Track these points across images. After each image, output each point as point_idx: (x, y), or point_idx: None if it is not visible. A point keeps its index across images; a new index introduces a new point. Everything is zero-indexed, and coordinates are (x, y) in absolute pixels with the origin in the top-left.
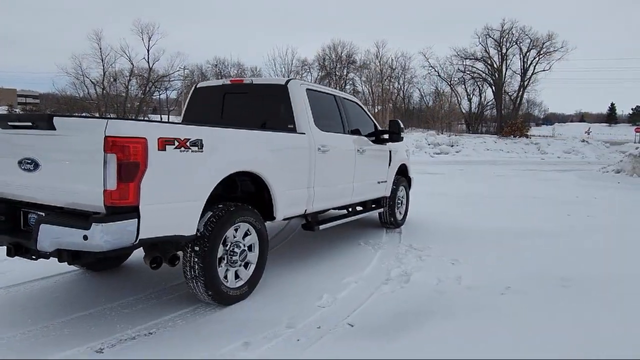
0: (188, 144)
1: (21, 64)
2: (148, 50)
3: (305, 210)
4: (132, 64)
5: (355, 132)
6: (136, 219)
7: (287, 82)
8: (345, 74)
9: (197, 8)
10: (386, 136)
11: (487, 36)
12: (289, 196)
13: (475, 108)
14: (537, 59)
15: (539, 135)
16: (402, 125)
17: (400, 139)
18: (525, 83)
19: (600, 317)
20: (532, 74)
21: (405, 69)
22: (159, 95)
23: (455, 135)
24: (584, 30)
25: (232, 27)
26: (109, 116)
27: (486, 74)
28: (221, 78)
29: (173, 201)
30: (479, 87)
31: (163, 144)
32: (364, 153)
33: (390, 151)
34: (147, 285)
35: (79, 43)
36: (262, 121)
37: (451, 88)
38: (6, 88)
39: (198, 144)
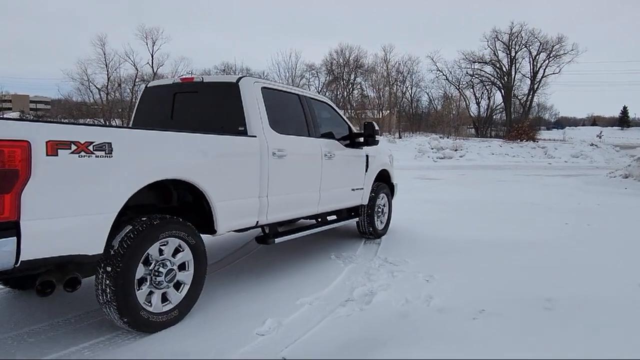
0: (91, 148)
1: (34, 70)
2: (152, 55)
3: (257, 222)
4: (136, 68)
5: (325, 135)
6: (14, 237)
7: (239, 79)
8: (352, 78)
9: (201, 14)
10: (361, 139)
11: (496, 39)
12: (234, 206)
13: (484, 112)
14: (546, 62)
15: (547, 139)
16: (377, 128)
17: (375, 142)
18: (535, 86)
19: (579, 347)
20: (542, 77)
21: (413, 72)
22: None
23: (460, 140)
24: (595, 32)
25: (239, 32)
26: (112, 122)
27: (495, 77)
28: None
29: (70, 215)
30: (488, 91)
31: (54, 148)
32: (333, 158)
33: (367, 156)
34: (76, 307)
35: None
36: (212, 123)
37: (459, 92)
38: (20, 94)
39: (105, 149)
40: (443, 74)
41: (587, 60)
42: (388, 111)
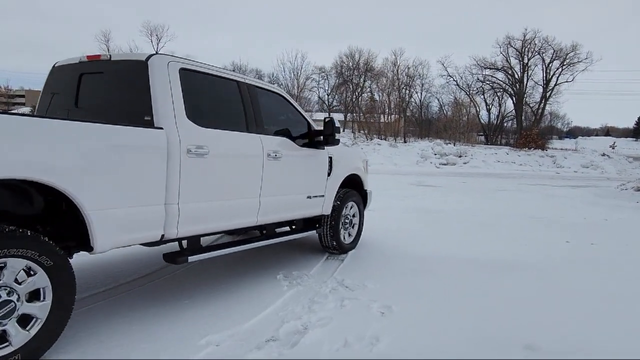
0: None
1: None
2: (157, 52)
3: (163, 236)
4: None
5: (274, 132)
6: None
7: (149, 57)
8: (362, 81)
9: (210, 14)
10: (321, 139)
11: (509, 45)
12: (123, 216)
13: (494, 119)
14: (560, 69)
15: (557, 149)
16: (337, 125)
17: (335, 142)
18: (548, 94)
19: None
20: (555, 85)
21: (423, 77)
22: None
23: (465, 146)
24: (610, 41)
25: (248, 34)
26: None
27: (506, 84)
28: None
29: None
30: (499, 98)
31: None
32: (281, 159)
33: (330, 158)
34: None
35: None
36: (117, 111)
37: (470, 98)
38: (33, 90)
39: None
40: (454, 80)
41: (602, 69)
42: (397, 116)
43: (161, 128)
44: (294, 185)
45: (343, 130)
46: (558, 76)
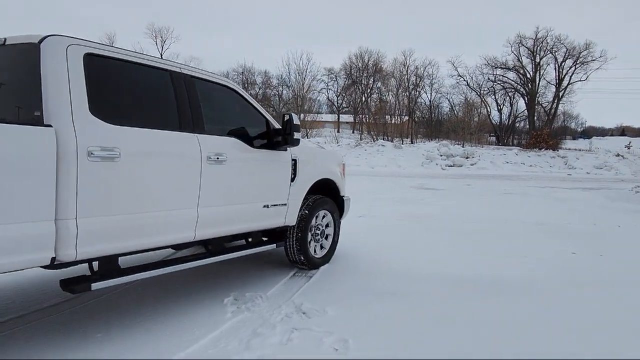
0: None
1: None
2: (161, 55)
3: (54, 259)
4: None
5: (221, 131)
6: None
7: (43, 39)
8: (371, 82)
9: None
10: (280, 139)
11: (520, 44)
12: None
13: (505, 119)
14: (573, 68)
15: (571, 149)
16: (296, 122)
17: (293, 142)
18: (561, 94)
19: None
20: (568, 84)
21: (433, 77)
22: None
23: (472, 147)
24: (625, 38)
25: (254, 36)
26: None
27: (518, 84)
28: (248, 86)
29: None
30: (510, 98)
31: None
32: (225, 162)
33: (295, 160)
34: None
35: None
36: (8, 104)
37: (481, 98)
38: None
39: None
40: (464, 80)
41: (617, 67)
42: (406, 117)
43: (50, 125)
44: (246, 193)
45: (352, 132)
46: (571, 75)
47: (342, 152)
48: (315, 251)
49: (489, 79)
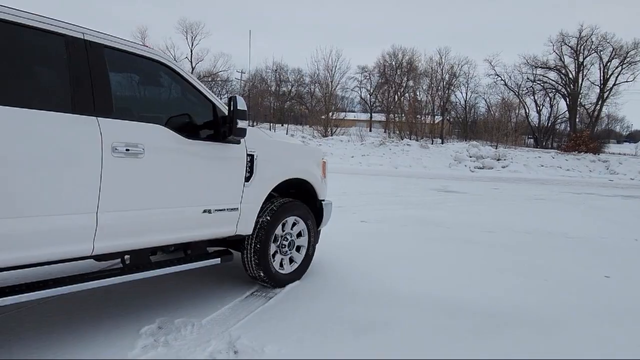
0: None
1: None
2: (191, 50)
3: None
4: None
5: (144, 116)
6: None
7: None
8: (405, 81)
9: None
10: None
11: (563, 43)
12: None
13: (545, 121)
14: (619, 69)
15: (612, 153)
16: (241, 107)
17: (238, 133)
18: (605, 95)
19: None
20: (613, 85)
21: (469, 77)
22: (221, 99)
23: (505, 148)
24: None
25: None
26: None
27: (559, 84)
28: (281, 84)
29: None
30: (551, 99)
31: None
32: (142, 156)
33: (251, 156)
34: None
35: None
36: None
37: (519, 98)
38: None
39: None
40: (502, 79)
41: None
42: (440, 117)
43: None
44: (175, 195)
45: (384, 131)
46: (617, 76)
47: (365, 151)
48: (281, 265)
49: (528, 78)
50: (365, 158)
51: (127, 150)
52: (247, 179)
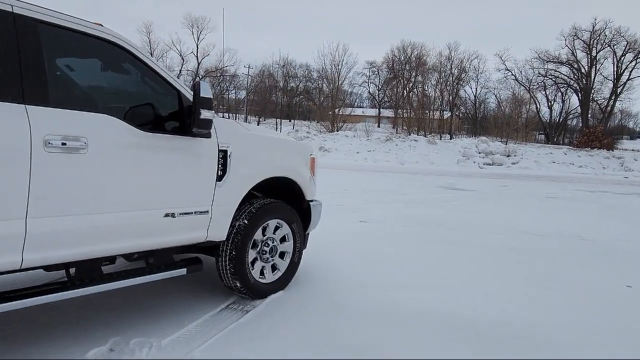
0: None
1: None
2: (197, 45)
3: None
4: (182, 58)
5: (94, 105)
6: None
7: None
8: (413, 76)
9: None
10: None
11: (575, 37)
12: None
13: (556, 117)
14: (634, 63)
15: (626, 149)
16: (205, 94)
17: (199, 124)
18: (618, 90)
19: None
20: (627, 80)
21: (479, 71)
22: (228, 94)
23: (515, 144)
24: None
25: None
26: None
27: (572, 79)
28: (289, 79)
29: None
30: (562, 94)
31: None
32: (86, 151)
33: (224, 151)
34: None
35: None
36: None
37: (530, 94)
38: None
39: None
40: (512, 74)
41: None
42: (449, 112)
43: None
44: (129, 196)
45: (393, 127)
46: (631, 70)
47: (371, 147)
48: (262, 274)
49: (539, 73)
50: (371, 154)
51: (63, 144)
52: (220, 178)
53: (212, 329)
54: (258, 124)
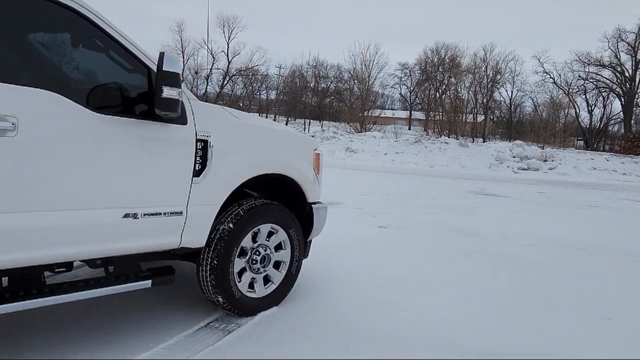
0: None
1: None
2: (228, 44)
3: None
4: (213, 57)
5: (31, 79)
6: None
7: None
8: (447, 77)
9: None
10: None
11: (619, 39)
12: None
13: (597, 122)
14: None
15: None
16: (171, 67)
17: (160, 105)
18: None
19: None
20: None
21: (515, 74)
22: (260, 94)
23: (553, 149)
24: None
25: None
26: None
27: (614, 82)
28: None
29: None
30: (604, 98)
31: None
32: (14, 133)
33: (204, 141)
34: None
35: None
36: None
37: (569, 98)
38: None
39: None
40: (550, 77)
41: None
42: (482, 115)
43: None
44: (74, 191)
45: (424, 130)
46: None
47: (399, 149)
48: (252, 287)
49: (579, 76)
50: (399, 156)
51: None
52: (198, 173)
53: (182, 353)
54: (286, 124)
